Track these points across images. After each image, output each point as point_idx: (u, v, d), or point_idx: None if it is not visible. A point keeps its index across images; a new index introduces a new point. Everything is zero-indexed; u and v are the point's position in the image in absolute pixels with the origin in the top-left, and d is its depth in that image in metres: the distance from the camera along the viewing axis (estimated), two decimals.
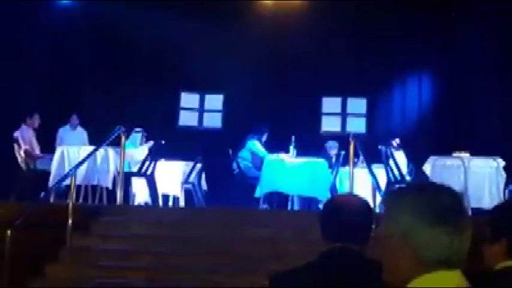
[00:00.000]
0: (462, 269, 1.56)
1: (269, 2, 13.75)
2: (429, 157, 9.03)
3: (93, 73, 12.74)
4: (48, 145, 10.62)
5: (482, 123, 12.12)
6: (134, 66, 13.03)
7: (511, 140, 11.18)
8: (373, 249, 1.78)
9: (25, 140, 10.18)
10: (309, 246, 2.53)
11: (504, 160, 8.79)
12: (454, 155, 8.99)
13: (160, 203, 9.81)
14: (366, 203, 2.55)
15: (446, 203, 1.56)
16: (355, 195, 2.89)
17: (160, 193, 9.82)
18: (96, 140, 8.58)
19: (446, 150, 9.35)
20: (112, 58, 12.93)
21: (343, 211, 2.47)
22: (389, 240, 1.59)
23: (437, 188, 1.62)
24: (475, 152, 9.12)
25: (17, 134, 10.21)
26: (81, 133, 10.89)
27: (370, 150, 9.49)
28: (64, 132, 10.90)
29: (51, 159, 9.60)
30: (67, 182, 7.68)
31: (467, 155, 8.94)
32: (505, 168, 8.74)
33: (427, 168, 8.88)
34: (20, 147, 10.05)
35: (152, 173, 9.46)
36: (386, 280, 1.62)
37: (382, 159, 9.42)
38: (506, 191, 8.71)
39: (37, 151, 10.33)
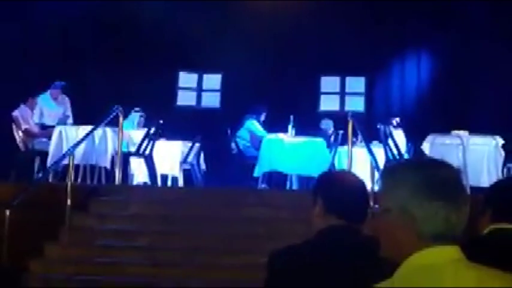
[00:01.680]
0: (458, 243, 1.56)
1: None
2: (428, 135, 9.01)
3: (91, 53, 12.69)
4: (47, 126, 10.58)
5: (482, 101, 12.11)
6: (132, 45, 12.96)
7: (510, 117, 11.18)
8: (370, 224, 1.78)
9: (24, 119, 10.15)
10: (308, 226, 2.52)
11: (503, 138, 8.79)
12: (453, 133, 8.98)
13: (159, 183, 9.81)
14: (363, 181, 2.56)
15: (443, 177, 1.56)
16: (352, 173, 2.90)
17: (159, 173, 9.81)
18: (95, 119, 8.56)
19: (445, 129, 9.33)
20: (110, 38, 12.86)
21: (347, 188, 2.47)
22: (386, 214, 1.59)
23: (435, 163, 1.61)
24: (474, 130, 9.11)
25: (15, 113, 10.18)
26: (63, 100, 10.64)
27: (369, 129, 9.49)
28: (44, 101, 10.59)
29: (49, 140, 9.57)
30: (65, 162, 7.66)
31: (466, 133, 8.92)
32: (503, 146, 8.74)
33: (425, 146, 8.87)
34: (18, 127, 10.02)
35: (150, 153, 9.45)
36: (383, 255, 1.61)
37: (381, 138, 9.41)
38: (505, 169, 8.72)
39: (35, 129, 10.29)
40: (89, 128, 8.47)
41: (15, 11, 12.09)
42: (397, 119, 10.88)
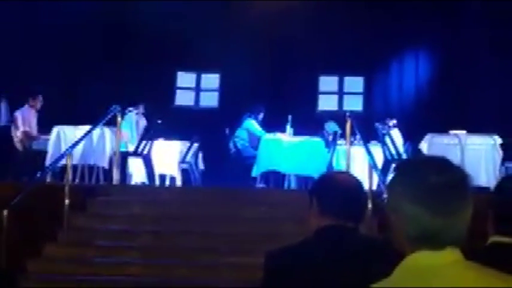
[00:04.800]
0: (460, 248, 1.56)
1: None
2: (426, 135, 9.02)
3: (90, 53, 12.68)
4: (44, 126, 10.58)
5: (480, 100, 12.12)
6: (130, 45, 12.95)
7: (508, 117, 11.19)
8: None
9: (25, 120, 10.15)
10: (306, 226, 2.52)
11: (501, 137, 8.80)
12: (451, 132, 9.00)
13: (157, 182, 9.81)
14: (359, 182, 2.56)
15: (434, 182, 1.55)
16: (349, 174, 2.91)
17: (157, 173, 9.81)
18: (93, 120, 8.55)
19: (443, 128, 9.34)
20: (108, 38, 12.86)
21: (343, 188, 2.47)
22: (387, 210, 1.63)
23: (433, 165, 1.61)
24: (472, 130, 9.12)
25: (17, 113, 10.18)
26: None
27: (367, 128, 9.49)
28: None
29: (47, 140, 9.57)
30: (63, 162, 7.66)
31: (464, 132, 8.94)
32: (501, 145, 8.75)
33: (423, 146, 8.88)
34: (17, 127, 10.02)
35: (149, 152, 9.44)
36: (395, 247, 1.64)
37: (379, 137, 9.41)
38: (503, 168, 8.73)
39: (34, 132, 10.29)
40: (87, 128, 8.47)
41: (15, 11, 12.08)
42: (394, 121, 10.84)
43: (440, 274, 1.51)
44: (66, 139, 9.25)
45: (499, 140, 8.73)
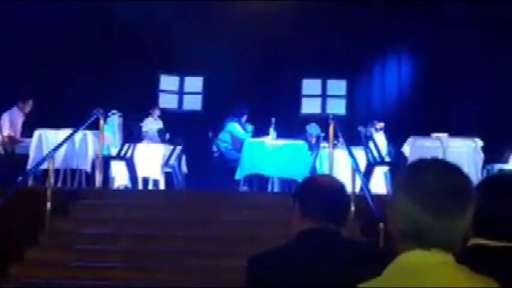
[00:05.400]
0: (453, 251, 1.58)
1: None
2: (408, 138, 9.07)
3: (72, 56, 12.59)
4: (26, 129, 10.49)
5: (462, 104, 12.19)
6: (113, 48, 12.91)
7: (490, 120, 11.28)
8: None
9: (13, 123, 10.07)
10: (289, 228, 2.53)
11: (482, 140, 8.87)
12: (433, 135, 9.05)
13: (140, 186, 9.77)
14: (342, 184, 2.57)
15: (432, 182, 1.58)
16: (332, 176, 2.92)
17: (140, 176, 9.78)
18: (75, 123, 8.50)
19: (425, 131, 9.40)
20: (91, 41, 12.78)
21: (322, 192, 2.48)
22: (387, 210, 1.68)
23: (437, 167, 1.63)
24: (454, 133, 9.18)
25: (5, 115, 10.08)
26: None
27: (350, 131, 9.52)
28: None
29: (29, 144, 9.50)
30: (46, 166, 7.61)
31: (446, 135, 9.00)
32: (483, 148, 8.82)
33: (406, 149, 8.93)
34: (0, 130, 9.92)
35: (131, 156, 9.41)
36: None
37: (362, 140, 9.44)
38: (484, 171, 8.80)
39: (18, 136, 10.21)
40: (69, 131, 8.41)
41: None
42: (381, 124, 10.88)
43: (430, 275, 1.53)
44: (48, 142, 9.19)
45: (480, 143, 8.80)
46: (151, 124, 11.18)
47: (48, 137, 9.31)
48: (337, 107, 13.59)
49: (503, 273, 1.70)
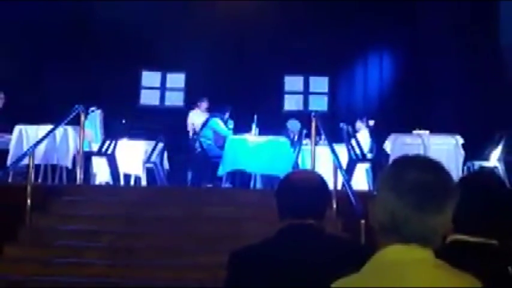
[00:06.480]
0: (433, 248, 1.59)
1: None
2: (390, 135, 9.10)
3: (52, 52, 12.50)
4: (5, 124, 10.39)
5: (443, 101, 12.26)
6: (94, 44, 12.82)
7: (470, 117, 11.35)
8: None
9: None
10: (272, 225, 2.53)
11: (463, 137, 8.92)
12: (414, 132, 9.09)
13: (122, 182, 9.72)
14: (321, 178, 2.57)
15: (414, 177, 1.60)
16: (311, 171, 2.93)
17: (121, 173, 9.73)
18: (56, 119, 8.43)
19: (406, 128, 9.44)
20: (72, 36, 12.70)
21: (298, 187, 2.49)
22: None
23: (421, 163, 1.65)
24: (435, 130, 9.23)
25: None
26: None
27: (332, 128, 9.54)
28: None
29: (9, 139, 9.41)
30: (26, 161, 7.54)
31: (427, 132, 9.04)
32: (463, 145, 8.87)
33: (387, 145, 8.96)
34: None
35: (113, 152, 9.35)
36: None
37: (343, 137, 9.46)
38: (465, 168, 8.86)
39: None
40: (49, 127, 8.35)
41: None
42: (373, 122, 10.88)
43: (407, 271, 1.53)
44: (29, 138, 9.11)
45: (461, 140, 8.86)
46: (197, 116, 10.97)
47: (29, 133, 9.23)
48: (319, 104, 13.62)
49: (481, 268, 1.71)
